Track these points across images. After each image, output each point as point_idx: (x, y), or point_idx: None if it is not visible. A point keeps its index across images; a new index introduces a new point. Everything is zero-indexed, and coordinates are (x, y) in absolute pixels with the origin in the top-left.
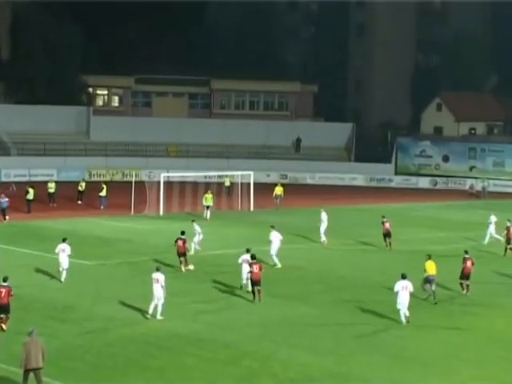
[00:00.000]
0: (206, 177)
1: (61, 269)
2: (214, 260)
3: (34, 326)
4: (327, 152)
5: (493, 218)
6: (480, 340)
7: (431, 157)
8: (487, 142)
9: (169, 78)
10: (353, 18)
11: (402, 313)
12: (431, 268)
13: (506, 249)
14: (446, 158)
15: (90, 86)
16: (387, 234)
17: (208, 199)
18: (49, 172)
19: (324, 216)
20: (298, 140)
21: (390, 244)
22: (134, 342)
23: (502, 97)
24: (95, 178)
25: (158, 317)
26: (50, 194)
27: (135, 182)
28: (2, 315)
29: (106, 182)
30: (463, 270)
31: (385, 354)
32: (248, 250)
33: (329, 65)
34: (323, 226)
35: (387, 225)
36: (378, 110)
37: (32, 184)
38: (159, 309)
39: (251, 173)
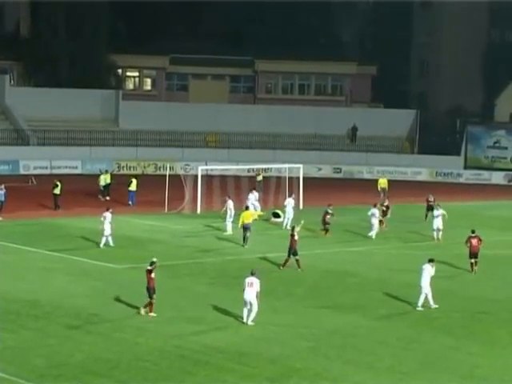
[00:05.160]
0: (249, 170)
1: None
2: (258, 264)
3: None
4: (387, 142)
5: None
6: None
7: (506, 148)
8: None
9: (207, 58)
10: None
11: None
12: None
13: None
14: None
15: (118, 67)
16: (474, 254)
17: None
18: (72, 164)
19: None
20: (354, 129)
21: (474, 264)
22: (167, 356)
23: None
24: (124, 171)
25: (249, 323)
26: (104, 186)
27: (169, 175)
28: None
29: (135, 176)
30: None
31: (453, 374)
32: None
33: (389, 43)
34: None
35: (474, 241)
36: (445, 95)
37: (60, 178)
38: (252, 315)
39: (301, 166)
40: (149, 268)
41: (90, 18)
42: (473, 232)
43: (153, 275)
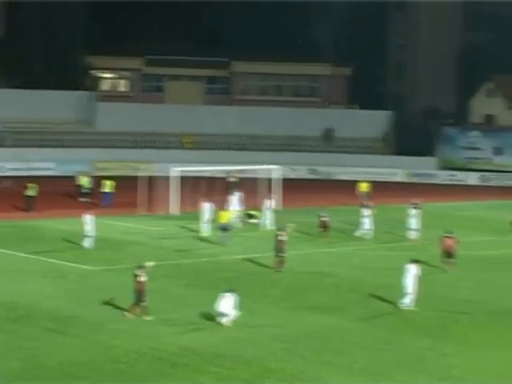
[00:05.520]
0: (224, 172)
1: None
2: (234, 265)
3: None
4: (363, 144)
5: None
6: None
7: (481, 149)
8: None
9: (183, 59)
10: None
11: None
12: None
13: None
14: (498, 151)
15: (94, 69)
16: (449, 254)
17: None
18: (47, 165)
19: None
20: (330, 130)
21: (447, 264)
22: (144, 357)
23: None
24: (100, 173)
25: (226, 324)
26: (83, 188)
27: (145, 177)
28: None
29: (109, 177)
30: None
31: (429, 375)
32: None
33: (365, 45)
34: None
35: (449, 241)
36: (420, 96)
37: (32, 180)
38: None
39: (277, 167)
40: (136, 272)
41: (65, 20)
42: (448, 232)
43: (142, 279)
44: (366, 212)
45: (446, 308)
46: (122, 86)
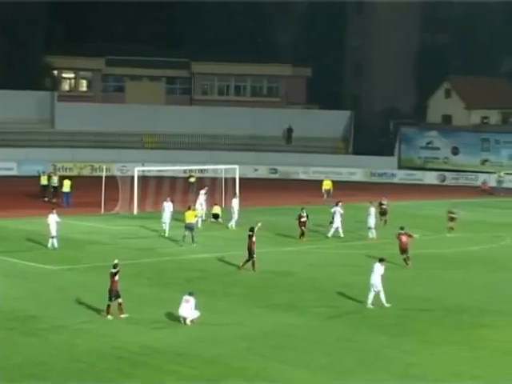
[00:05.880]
0: (185, 171)
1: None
2: (196, 264)
3: None
4: (322, 143)
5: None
6: (494, 355)
7: (439, 149)
8: (502, 132)
9: (144, 59)
10: None
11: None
12: None
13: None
14: (455, 151)
15: (54, 69)
16: (404, 250)
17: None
18: (8, 165)
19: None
20: (290, 130)
21: (407, 260)
22: (105, 357)
23: None
24: (60, 172)
25: (188, 323)
26: (47, 187)
27: (106, 176)
28: None
29: (68, 177)
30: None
31: (388, 372)
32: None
33: (324, 45)
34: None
35: (404, 238)
36: (379, 97)
37: None
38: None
39: (237, 167)
40: (113, 271)
41: (25, 19)
42: (402, 229)
43: (116, 278)
44: (338, 211)
45: (404, 306)
46: (83, 86)
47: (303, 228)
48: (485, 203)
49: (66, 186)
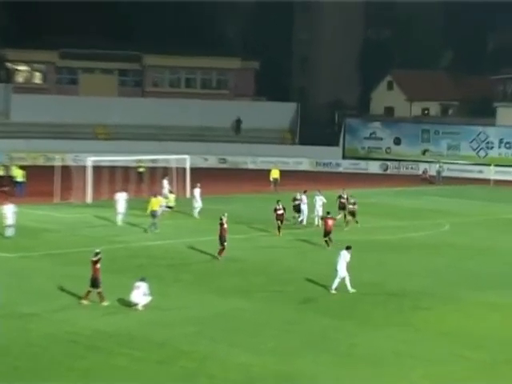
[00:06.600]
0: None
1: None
2: (147, 251)
3: None
4: (270, 134)
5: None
6: (433, 336)
7: (382, 139)
8: (441, 123)
9: (97, 52)
10: None
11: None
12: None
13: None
14: (397, 141)
15: (8, 61)
16: (328, 233)
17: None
18: None
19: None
20: (238, 121)
21: (328, 242)
22: (59, 341)
23: (458, 75)
24: (15, 163)
25: (140, 308)
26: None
27: (60, 166)
28: None
29: (20, 166)
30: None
31: (333, 353)
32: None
33: (271, 39)
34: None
35: (330, 222)
36: (324, 89)
37: None
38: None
39: (187, 157)
40: (94, 259)
41: None
42: (328, 213)
43: (98, 266)
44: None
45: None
46: (37, 78)
47: (279, 222)
48: (425, 191)
49: (19, 175)
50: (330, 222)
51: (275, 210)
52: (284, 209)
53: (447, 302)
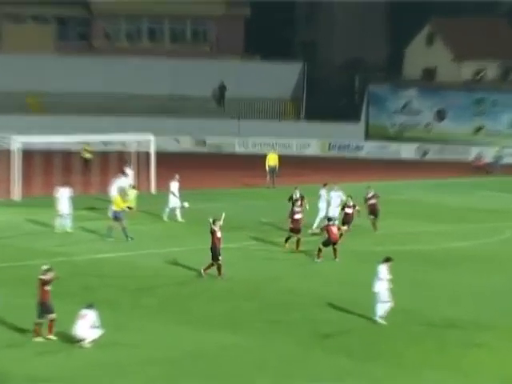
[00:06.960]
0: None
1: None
2: (98, 268)
3: None
4: (265, 106)
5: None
6: None
7: (419, 113)
8: (501, 90)
9: None
10: None
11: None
12: None
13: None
14: (440, 115)
15: None
16: (335, 242)
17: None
18: None
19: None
20: (222, 88)
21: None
22: None
23: None
24: None
25: (86, 345)
26: None
27: None
28: None
29: None
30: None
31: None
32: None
33: None
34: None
35: (335, 230)
36: (340, 44)
37: None
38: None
39: (152, 137)
40: (43, 277)
41: None
42: (329, 220)
43: (48, 288)
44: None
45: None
46: None
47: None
48: (478, 184)
49: None
50: (334, 229)
51: (343, 207)
52: (354, 206)
53: (508, 336)
